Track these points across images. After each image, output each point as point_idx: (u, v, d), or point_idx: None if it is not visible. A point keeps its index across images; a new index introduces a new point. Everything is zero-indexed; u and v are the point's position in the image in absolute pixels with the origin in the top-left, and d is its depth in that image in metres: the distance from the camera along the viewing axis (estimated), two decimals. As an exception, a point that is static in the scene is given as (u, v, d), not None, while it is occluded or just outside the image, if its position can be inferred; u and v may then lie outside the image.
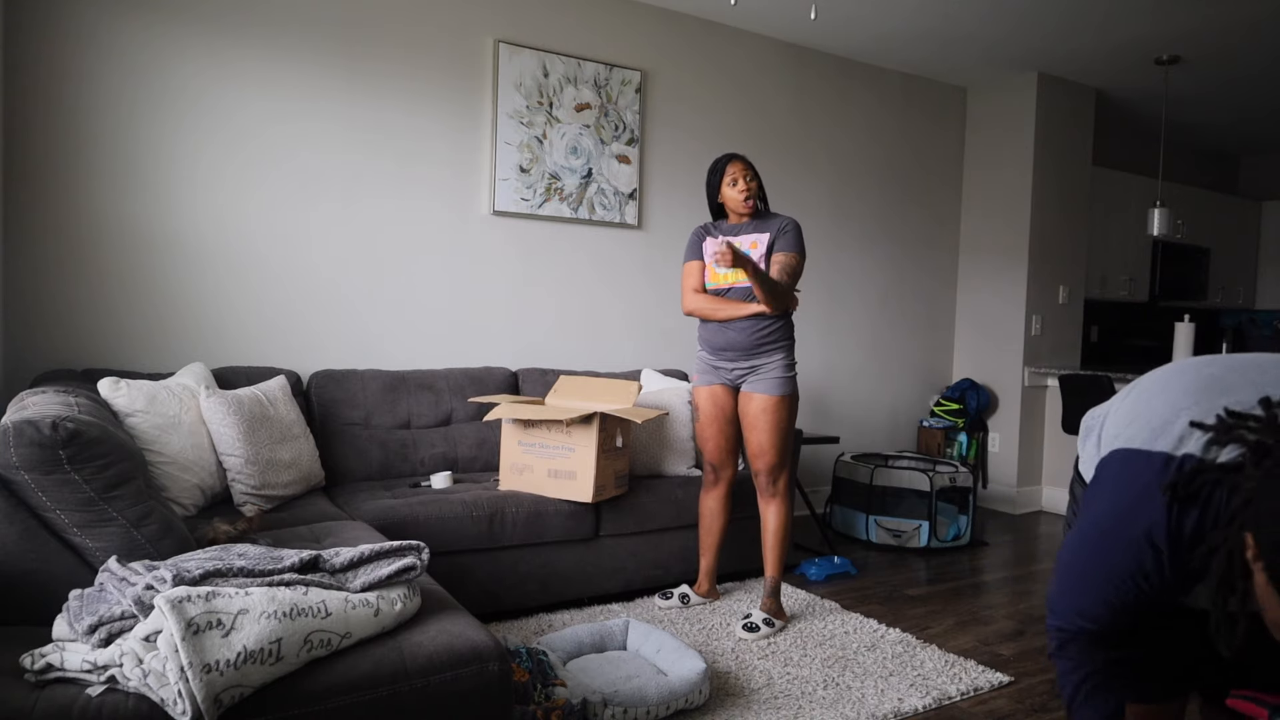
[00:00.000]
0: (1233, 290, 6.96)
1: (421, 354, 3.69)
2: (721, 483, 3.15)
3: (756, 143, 4.58)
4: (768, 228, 3.00)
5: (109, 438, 1.78)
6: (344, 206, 3.49)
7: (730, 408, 3.08)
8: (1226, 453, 1.19)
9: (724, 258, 2.64)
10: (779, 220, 3.01)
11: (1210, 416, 1.24)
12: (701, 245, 3.08)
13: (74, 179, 3.00)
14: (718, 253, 2.64)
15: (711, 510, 3.17)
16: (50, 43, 2.93)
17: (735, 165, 3.00)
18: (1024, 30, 4.39)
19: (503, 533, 2.94)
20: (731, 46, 4.47)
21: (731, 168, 3.00)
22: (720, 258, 2.64)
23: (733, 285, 2.99)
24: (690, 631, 2.94)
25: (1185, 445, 1.25)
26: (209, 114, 3.21)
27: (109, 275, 3.07)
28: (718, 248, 2.65)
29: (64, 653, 1.44)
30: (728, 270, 2.95)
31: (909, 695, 2.48)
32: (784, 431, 2.99)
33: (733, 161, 3.01)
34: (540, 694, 2.16)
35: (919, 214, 5.30)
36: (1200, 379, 1.33)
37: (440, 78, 3.66)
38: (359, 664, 1.55)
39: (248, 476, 2.66)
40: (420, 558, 1.73)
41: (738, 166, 3.00)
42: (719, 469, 3.14)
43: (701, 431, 3.14)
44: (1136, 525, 1.25)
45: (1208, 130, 6.38)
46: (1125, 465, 1.31)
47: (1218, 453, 1.21)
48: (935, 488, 4.12)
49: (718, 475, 3.15)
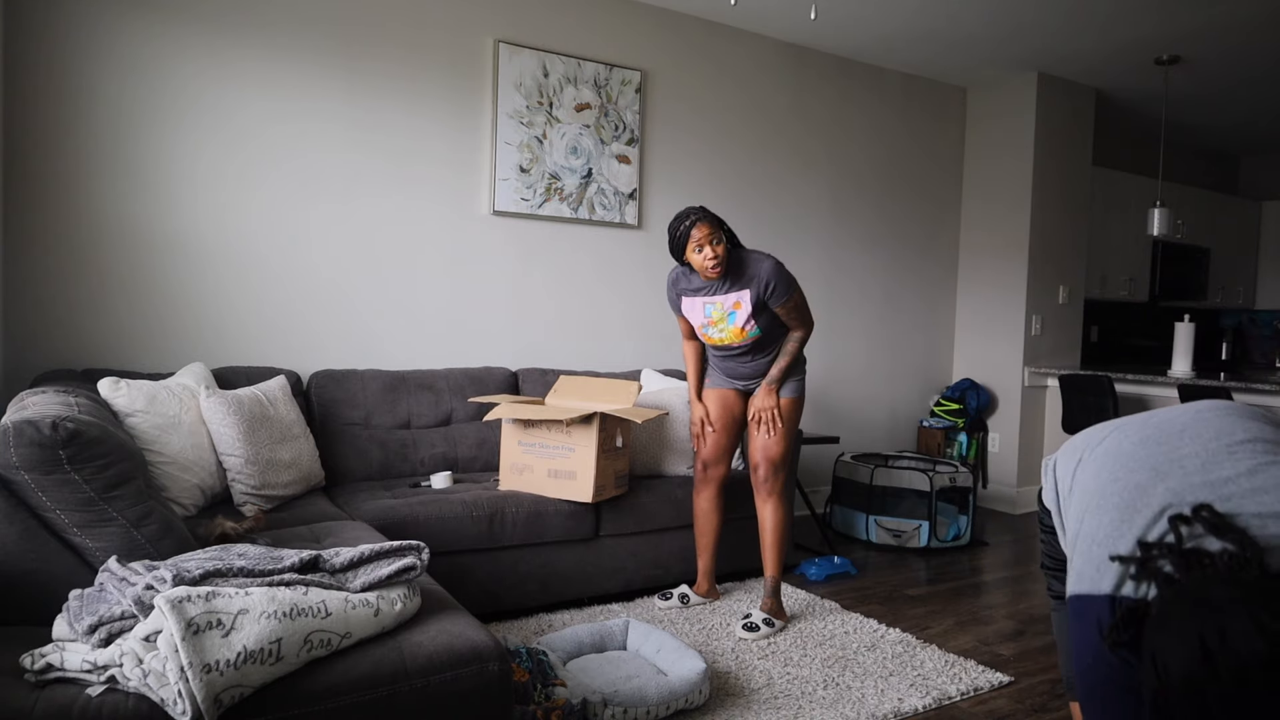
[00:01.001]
0: (1233, 290, 6.96)
1: (421, 354, 3.69)
2: (712, 482, 3.15)
3: (756, 142, 4.58)
4: (745, 282, 2.87)
5: (109, 438, 1.78)
6: (344, 206, 3.49)
7: (739, 411, 3.12)
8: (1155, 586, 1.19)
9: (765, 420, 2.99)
10: (755, 270, 2.85)
11: (1133, 542, 1.25)
12: (681, 304, 3.04)
13: (74, 179, 3.00)
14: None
15: (704, 510, 3.17)
16: (50, 43, 2.93)
17: (701, 229, 2.78)
18: (1024, 30, 4.39)
19: (503, 533, 2.94)
20: (732, 46, 4.47)
21: (698, 232, 2.78)
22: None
23: (738, 343, 2.99)
24: (690, 631, 2.94)
25: (1124, 585, 1.23)
26: (209, 113, 3.21)
27: (109, 275, 3.07)
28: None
29: (64, 653, 1.44)
30: (722, 334, 2.97)
31: (909, 695, 2.48)
32: (792, 432, 3.03)
33: (699, 225, 2.78)
34: (540, 694, 2.16)
35: (919, 214, 5.30)
36: (1127, 491, 1.32)
37: (440, 78, 3.66)
38: (359, 664, 1.55)
39: (248, 476, 2.66)
40: (420, 558, 1.73)
41: (704, 231, 2.78)
42: (711, 466, 3.14)
43: (701, 426, 3.15)
44: (1112, 677, 1.23)
45: (1208, 130, 6.38)
46: (1079, 616, 1.30)
47: (1147, 589, 1.20)
48: (935, 488, 4.12)
49: (708, 473, 3.14)
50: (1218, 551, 1.14)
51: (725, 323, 2.95)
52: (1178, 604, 1.09)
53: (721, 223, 2.85)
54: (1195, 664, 1.03)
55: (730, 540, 3.41)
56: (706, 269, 2.84)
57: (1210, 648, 1.02)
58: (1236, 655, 1.00)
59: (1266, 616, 1.01)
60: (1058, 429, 5.20)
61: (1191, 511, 1.21)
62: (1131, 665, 1.20)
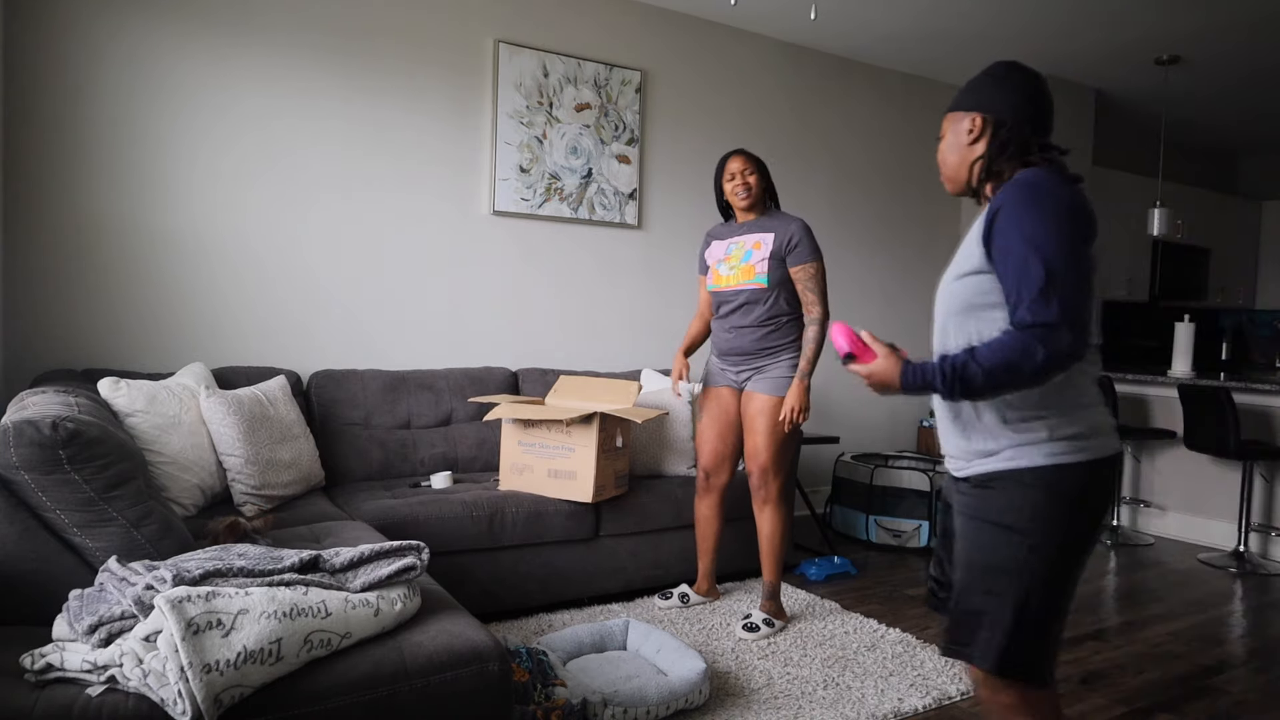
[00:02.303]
0: (1233, 290, 6.96)
1: (421, 354, 3.69)
2: (713, 490, 3.11)
3: (757, 142, 4.58)
4: (772, 227, 2.93)
5: (109, 438, 1.78)
6: (344, 206, 3.49)
7: (734, 411, 3.05)
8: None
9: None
10: (785, 223, 2.92)
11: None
12: (707, 249, 3.11)
13: (74, 179, 3.00)
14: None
15: (705, 517, 3.15)
16: (50, 42, 2.93)
17: (735, 160, 2.94)
18: (1024, 30, 4.39)
19: (503, 533, 2.94)
20: (731, 46, 4.47)
21: (731, 163, 2.95)
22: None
23: (739, 287, 2.95)
24: (690, 631, 2.94)
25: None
26: (208, 113, 3.21)
27: (109, 275, 3.07)
28: (724, 251, 2.84)
29: (64, 653, 1.44)
30: (731, 272, 2.95)
31: (909, 695, 2.48)
32: (779, 434, 2.92)
33: (733, 157, 2.95)
34: (540, 694, 2.16)
35: (919, 214, 5.30)
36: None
37: (440, 77, 3.66)
38: (359, 664, 1.55)
39: (248, 476, 2.66)
40: (420, 558, 1.73)
41: (737, 162, 2.94)
42: (712, 474, 3.10)
43: (701, 433, 3.13)
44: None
45: (1208, 130, 6.38)
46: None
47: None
48: (935, 488, 4.12)
49: (710, 481, 3.11)
50: None
51: (739, 259, 2.94)
52: None
53: (762, 164, 2.97)
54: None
55: (731, 541, 3.41)
56: (737, 196, 2.94)
57: None
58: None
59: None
60: (1058, 429, 5.19)
61: None
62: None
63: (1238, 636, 3.16)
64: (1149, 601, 3.54)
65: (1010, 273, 1.44)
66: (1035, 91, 1.61)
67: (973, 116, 1.64)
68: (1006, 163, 1.59)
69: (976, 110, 1.63)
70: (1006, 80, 1.62)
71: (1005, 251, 1.45)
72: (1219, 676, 2.77)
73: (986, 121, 1.62)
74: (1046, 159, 1.56)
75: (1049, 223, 1.43)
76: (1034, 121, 1.60)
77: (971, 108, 1.64)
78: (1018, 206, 1.46)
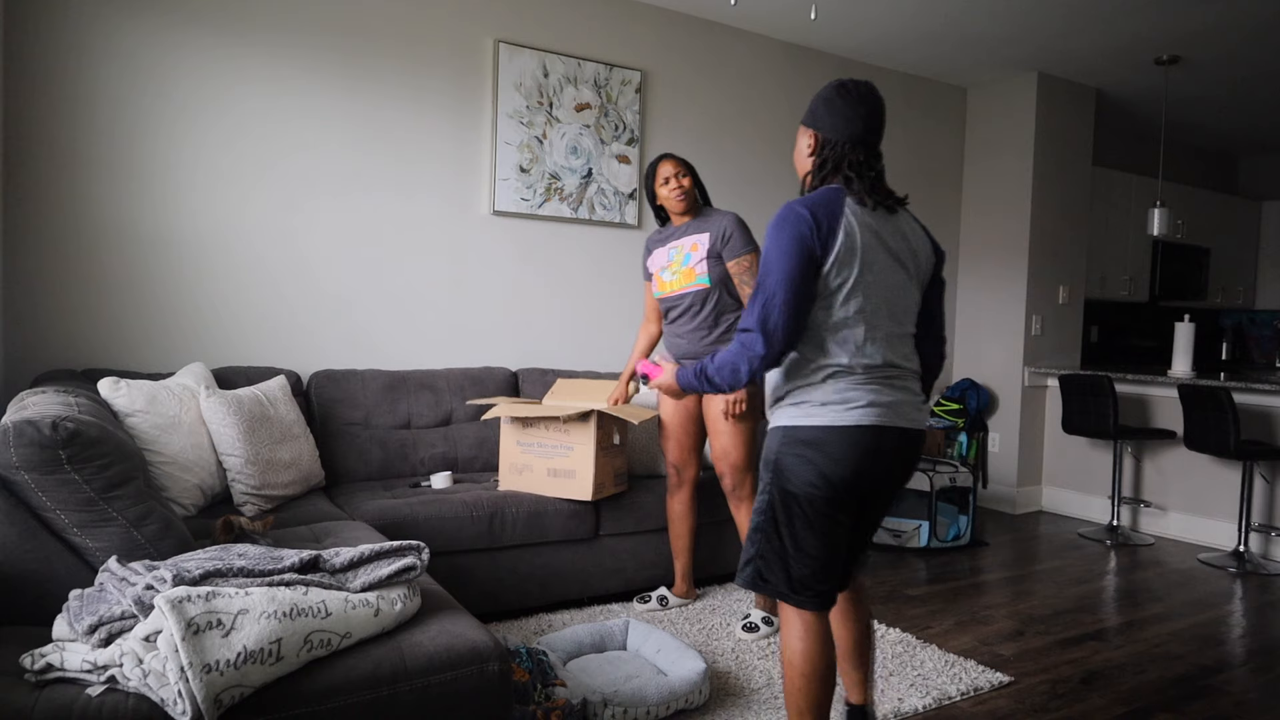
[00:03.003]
0: (1233, 290, 6.96)
1: (421, 354, 3.69)
2: (685, 484, 3.13)
3: (757, 142, 4.58)
4: (706, 227, 2.96)
5: (109, 438, 1.78)
6: (344, 206, 3.49)
7: (693, 406, 3.07)
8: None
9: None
10: (718, 219, 2.95)
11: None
12: (650, 259, 3.11)
13: (74, 179, 3.00)
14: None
15: (679, 513, 3.15)
16: (50, 42, 2.93)
17: (667, 165, 2.97)
18: (1024, 30, 4.39)
19: (503, 533, 2.94)
20: (731, 46, 4.47)
21: (663, 167, 2.98)
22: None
23: (683, 291, 2.96)
24: (690, 631, 2.94)
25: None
26: (209, 113, 3.21)
27: (109, 275, 3.07)
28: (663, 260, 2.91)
29: (64, 653, 1.44)
30: (673, 277, 2.97)
31: (909, 695, 2.48)
32: (745, 431, 2.93)
33: (664, 161, 2.98)
34: (540, 694, 2.16)
35: (919, 213, 5.30)
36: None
37: (440, 77, 3.66)
38: (359, 664, 1.55)
39: (248, 476, 2.66)
40: (420, 558, 1.73)
41: (670, 165, 2.97)
42: (681, 470, 3.12)
43: (665, 430, 3.13)
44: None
45: (1207, 130, 6.38)
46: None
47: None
48: (935, 488, 4.12)
49: (681, 476, 3.12)
50: None
51: (680, 263, 2.97)
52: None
53: (691, 166, 3.00)
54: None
55: (722, 542, 3.41)
56: (672, 200, 2.96)
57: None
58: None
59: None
60: (1058, 429, 5.20)
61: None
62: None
63: (1238, 636, 3.16)
64: (1149, 601, 3.54)
65: (757, 282, 1.80)
66: (867, 113, 1.86)
67: (810, 134, 1.90)
68: (825, 178, 1.87)
69: (814, 129, 1.90)
70: (838, 102, 1.86)
71: (761, 263, 1.81)
72: (1219, 676, 2.77)
73: (816, 140, 1.89)
74: (849, 177, 1.84)
75: (779, 247, 1.76)
76: (860, 139, 1.86)
77: (810, 125, 1.91)
78: (770, 228, 1.80)
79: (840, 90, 1.86)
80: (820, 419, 1.77)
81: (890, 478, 1.84)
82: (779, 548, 1.81)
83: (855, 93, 1.86)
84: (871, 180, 1.86)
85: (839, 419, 1.76)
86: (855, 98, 1.86)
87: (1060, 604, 3.45)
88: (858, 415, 1.76)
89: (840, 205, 1.79)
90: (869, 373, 1.78)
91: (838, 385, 1.77)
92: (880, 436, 1.77)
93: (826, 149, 1.87)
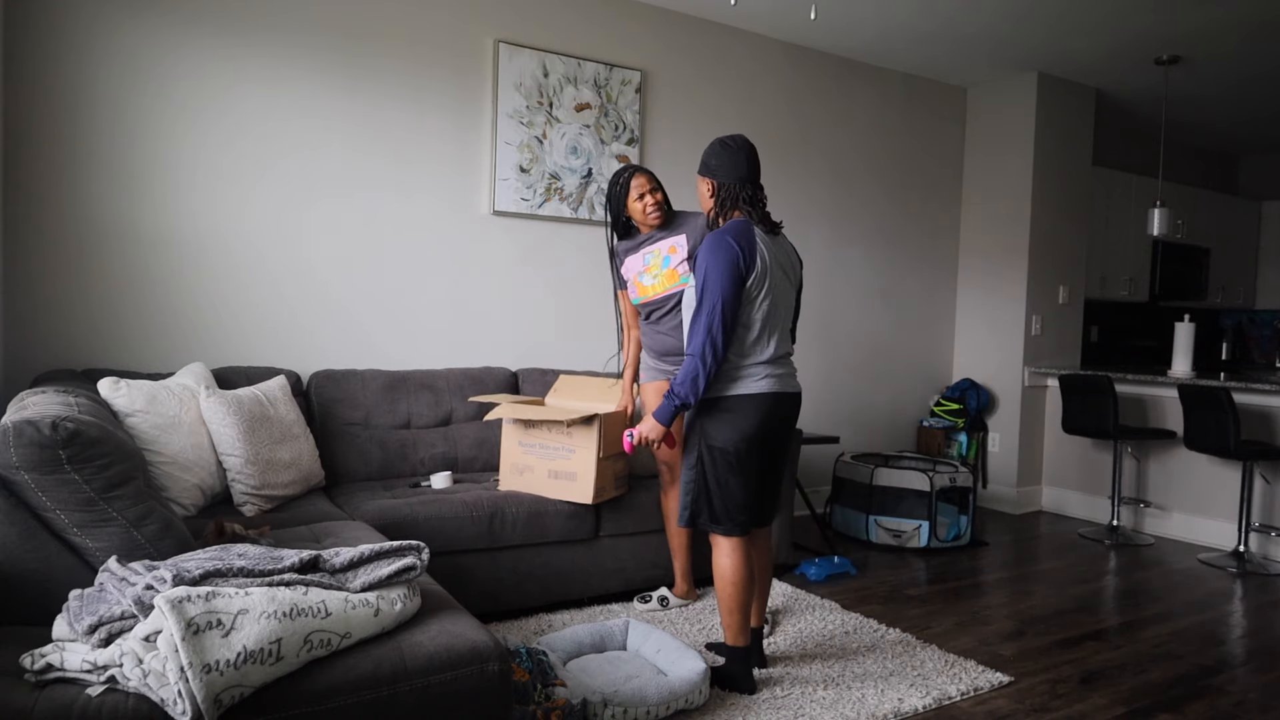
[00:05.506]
0: (1233, 290, 6.96)
1: (421, 354, 3.69)
2: (677, 482, 3.12)
3: (756, 142, 4.58)
4: (682, 229, 2.96)
5: (109, 438, 1.78)
6: (344, 206, 3.49)
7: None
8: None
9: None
10: (693, 221, 2.96)
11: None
12: (624, 265, 3.07)
13: (74, 178, 3.00)
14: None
15: (673, 510, 3.15)
16: (50, 42, 2.93)
17: (641, 179, 2.94)
18: (1024, 30, 4.39)
19: (503, 533, 2.94)
20: (731, 46, 4.47)
21: (637, 182, 2.94)
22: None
23: (667, 293, 2.96)
24: (690, 631, 2.94)
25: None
26: (208, 113, 3.21)
27: (109, 275, 3.07)
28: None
29: (64, 653, 1.44)
30: (654, 281, 2.96)
31: (909, 695, 2.48)
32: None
33: (637, 175, 2.95)
34: (540, 694, 2.16)
35: (919, 214, 5.30)
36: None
37: (440, 77, 3.66)
38: (359, 664, 1.55)
39: (248, 476, 2.66)
40: (420, 558, 1.73)
41: (644, 181, 2.94)
42: (673, 467, 3.11)
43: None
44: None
45: (1208, 130, 6.38)
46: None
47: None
48: (935, 488, 4.12)
49: (673, 474, 3.12)
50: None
51: (659, 267, 2.96)
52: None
53: (657, 178, 3.02)
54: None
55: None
56: (648, 216, 2.96)
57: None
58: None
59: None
60: (1058, 429, 5.20)
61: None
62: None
63: (1238, 636, 3.16)
64: (1149, 601, 3.54)
65: (697, 299, 2.33)
66: (746, 159, 2.42)
67: (708, 181, 2.46)
68: (727, 213, 2.44)
69: (710, 177, 2.45)
70: (724, 154, 2.42)
71: (699, 282, 2.33)
72: (1219, 676, 2.77)
73: (714, 185, 2.45)
74: (749, 210, 2.40)
75: (716, 269, 2.29)
76: (746, 178, 2.41)
77: (705, 174, 2.47)
78: (704, 251, 2.34)
79: (723, 145, 2.43)
80: (736, 390, 2.36)
81: (784, 428, 2.46)
82: (708, 490, 2.41)
83: (734, 144, 2.42)
84: (762, 210, 2.43)
85: (749, 389, 2.36)
86: (735, 147, 2.42)
87: (1060, 604, 3.45)
88: (762, 385, 2.37)
89: (752, 233, 2.35)
90: (769, 358, 2.39)
91: (749, 368, 2.37)
92: (777, 400, 2.39)
93: (723, 190, 2.42)
